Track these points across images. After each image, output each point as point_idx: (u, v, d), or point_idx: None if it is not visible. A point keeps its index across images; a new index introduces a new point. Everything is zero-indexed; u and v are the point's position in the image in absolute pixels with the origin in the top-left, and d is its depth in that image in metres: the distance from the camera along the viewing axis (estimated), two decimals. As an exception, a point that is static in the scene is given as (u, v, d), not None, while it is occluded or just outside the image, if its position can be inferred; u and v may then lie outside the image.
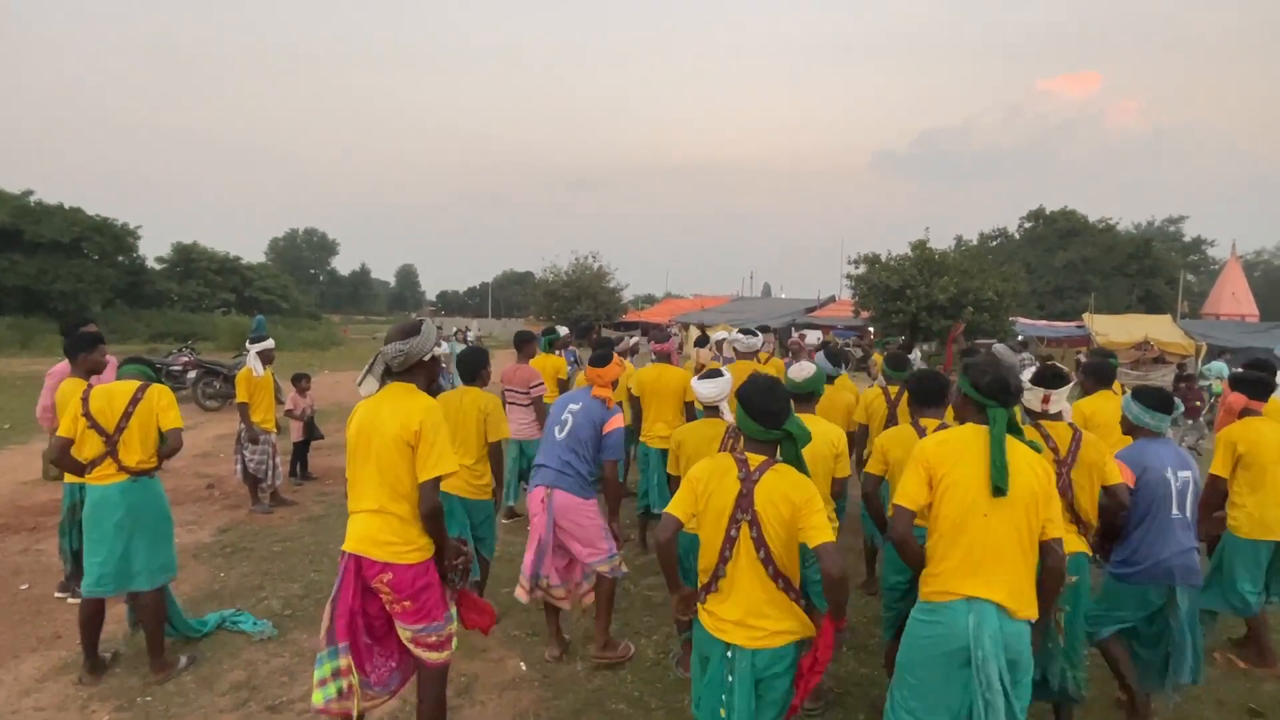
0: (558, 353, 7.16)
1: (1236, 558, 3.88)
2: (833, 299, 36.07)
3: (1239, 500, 3.87)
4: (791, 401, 2.60)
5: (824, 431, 3.38)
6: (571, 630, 4.29)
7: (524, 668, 3.88)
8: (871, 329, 25.10)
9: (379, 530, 2.66)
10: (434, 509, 2.66)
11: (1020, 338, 22.19)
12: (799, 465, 2.49)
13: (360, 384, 2.77)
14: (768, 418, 2.47)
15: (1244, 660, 4.02)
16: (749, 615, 2.40)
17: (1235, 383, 4.11)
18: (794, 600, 2.44)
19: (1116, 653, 3.37)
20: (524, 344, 6.31)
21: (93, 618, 3.65)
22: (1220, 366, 12.03)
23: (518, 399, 5.93)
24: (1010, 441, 2.41)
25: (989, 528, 2.33)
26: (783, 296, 45.58)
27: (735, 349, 5.85)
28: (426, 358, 2.81)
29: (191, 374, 12.48)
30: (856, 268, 25.54)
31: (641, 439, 5.52)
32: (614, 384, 3.96)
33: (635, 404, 5.62)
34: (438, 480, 2.66)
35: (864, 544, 5.13)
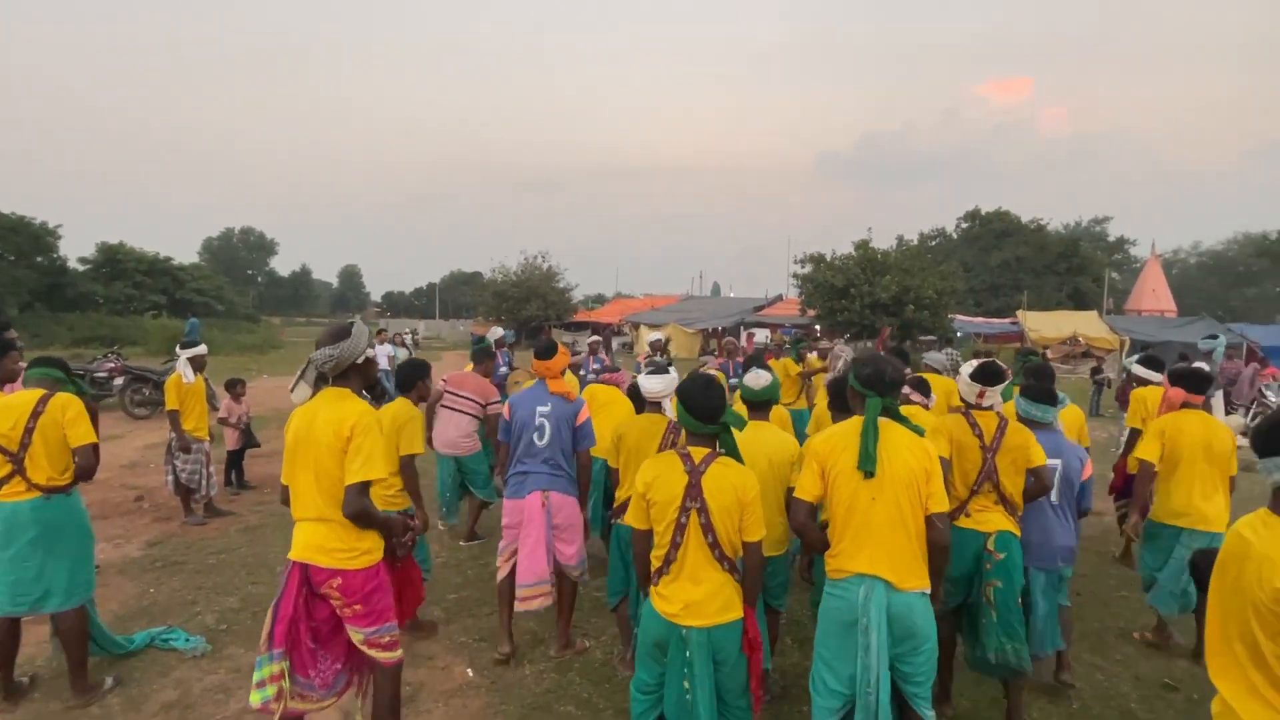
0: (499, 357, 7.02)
1: (1150, 537, 4.12)
2: (780, 298, 36.66)
3: (1164, 488, 4.05)
4: (725, 398, 2.75)
5: (779, 441, 3.43)
6: (520, 634, 4.26)
7: (471, 674, 3.84)
8: (818, 327, 25.60)
9: (325, 538, 2.64)
10: (356, 513, 2.63)
11: (951, 335, 22.94)
12: (735, 456, 2.71)
13: (292, 391, 2.73)
14: (706, 413, 2.66)
15: (1154, 637, 4.31)
16: (699, 595, 2.56)
17: (1174, 378, 4.27)
18: (738, 582, 2.62)
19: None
20: (483, 356, 6.09)
21: (6, 640, 3.45)
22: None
23: (464, 406, 5.70)
24: (889, 426, 2.63)
25: (873, 509, 2.54)
26: (732, 295, 46.10)
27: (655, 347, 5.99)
28: (360, 360, 2.77)
29: (118, 380, 11.88)
30: (803, 267, 26.02)
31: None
32: (564, 372, 4.06)
33: None
34: (363, 485, 2.63)
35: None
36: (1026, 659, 3.23)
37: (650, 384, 3.91)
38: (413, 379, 4.37)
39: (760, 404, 3.55)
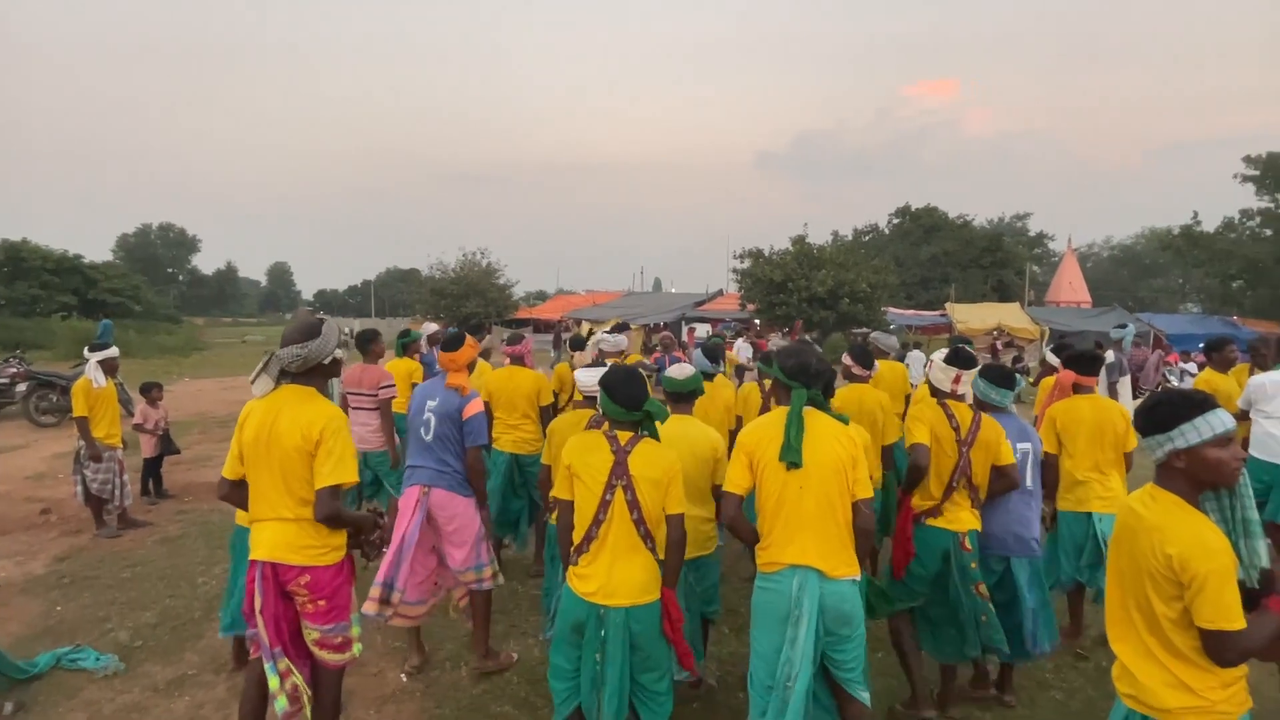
0: (417, 356, 6.41)
1: (1062, 530, 4.13)
2: (720, 293, 37.06)
3: (1067, 477, 4.03)
4: (649, 386, 2.80)
5: (702, 434, 3.36)
6: (455, 636, 4.19)
7: (404, 679, 3.75)
8: (758, 321, 26.03)
9: (294, 536, 2.61)
10: (329, 515, 2.60)
11: (893, 326, 23.72)
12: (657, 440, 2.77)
13: (253, 382, 2.67)
14: (629, 401, 2.70)
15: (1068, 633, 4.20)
16: (620, 573, 2.59)
17: (1067, 361, 4.25)
18: (658, 561, 2.66)
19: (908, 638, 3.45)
20: (370, 343, 5.71)
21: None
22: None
23: (362, 403, 5.45)
24: (815, 416, 2.65)
25: (801, 499, 2.57)
26: (673, 291, 46.39)
27: (602, 349, 5.71)
28: (327, 360, 2.72)
29: (21, 386, 11.13)
30: (742, 262, 26.43)
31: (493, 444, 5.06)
32: (470, 367, 3.84)
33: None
34: (335, 488, 2.59)
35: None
36: (1044, 643, 3.37)
37: (585, 377, 3.87)
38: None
39: (683, 396, 3.51)
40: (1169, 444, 1.94)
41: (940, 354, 3.43)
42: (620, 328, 7.40)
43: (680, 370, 3.56)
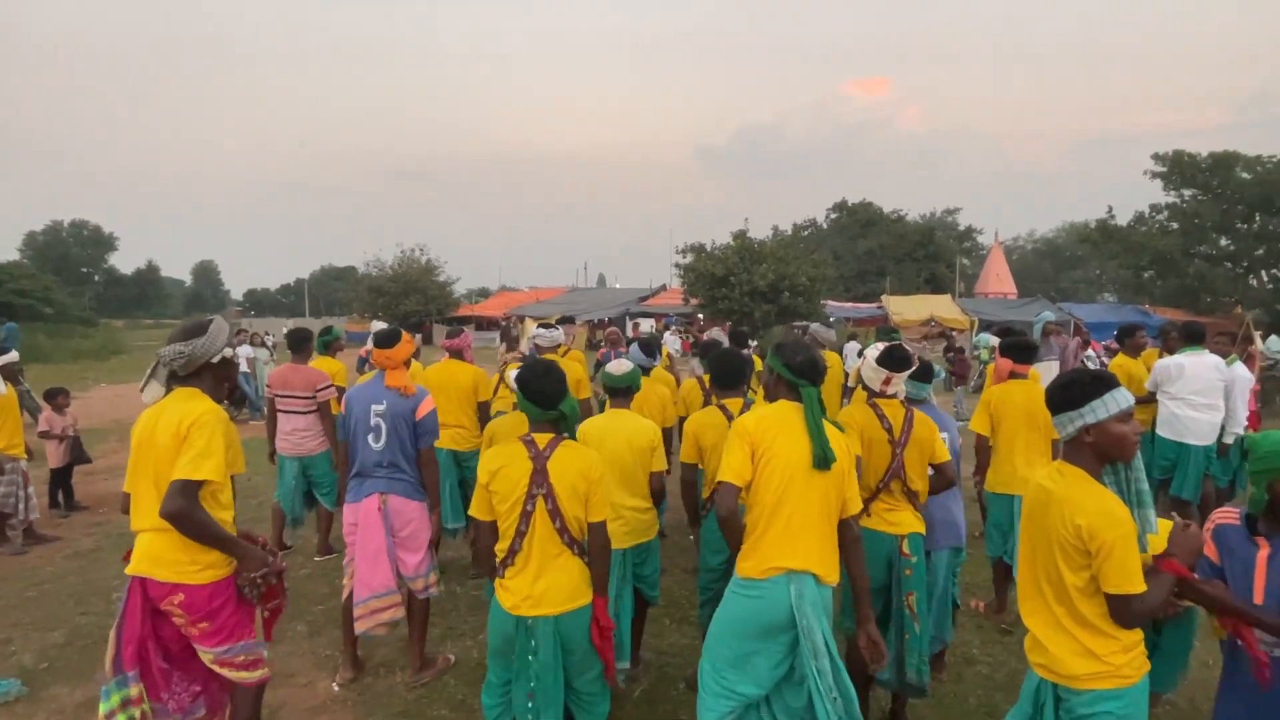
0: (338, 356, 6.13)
1: (991, 509, 4.34)
2: (664, 288, 37.29)
3: (996, 459, 4.19)
4: (566, 383, 2.67)
5: (638, 426, 3.39)
6: (387, 641, 4.08)
7: (336, 688, 3.63)
8: (700, 315, 26.26)
9: (164, 549, 2.40)
10: (173, 512, 2.33)
11: (832, 319, 24.28)
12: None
13: (143, 391, 2.54)
14: (543, 398, 2.59)
15: (985, 608, 4.48)
16: (545, 583, 2.50)
17: (1003, 349, 4.38)
18: (586, 565, 2.59)
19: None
20: (301, 343, 5.48)
21: None
22: (987, 338, 13.96)
23: (294, 406, 5.23)
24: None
25: (808, 499, 2.41)
26: (617, 286, 46.41)
27: (537, 344, 5.61)
28: (215, 359, 2.58)
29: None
30: (684, 257, 26.60)
31: None
32: (407, 364, 3.68)
33: None
34: (186, 484, 2.34)
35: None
36: (927, 675, 3.18)
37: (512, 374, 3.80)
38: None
39: (621, 391, 3.54)
40: (1080, 420, 2.04)
41: (873, 352, 3.27)
42: (565, 321, 7.30)
43: (618, 366, 3.58)
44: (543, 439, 2.59)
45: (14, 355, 5.92)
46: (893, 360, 3.16)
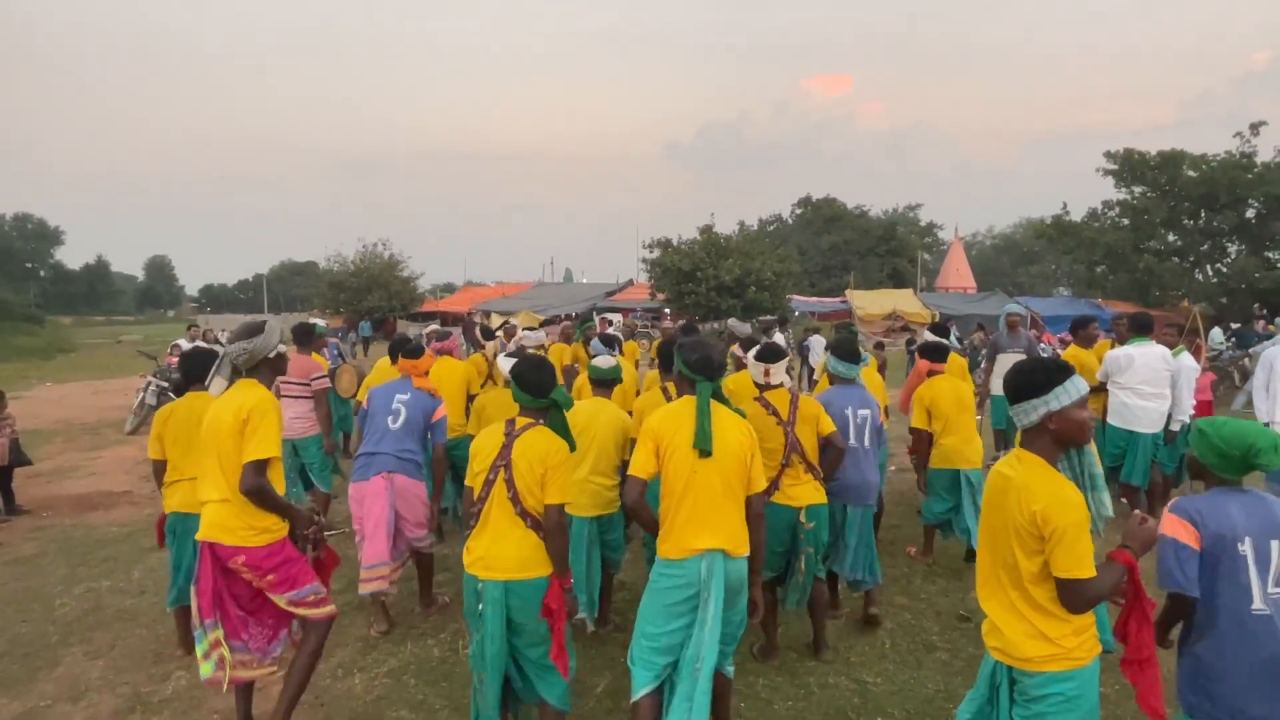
0: (324, 351, 6.62)
1: (934, 483, 4.92)
2: (631, 283, 37.27)
3: (937, 442, 4.87)
4: (556, 375, 2.94)
5: (615, 414, 3.88)
6: (345, 643, 4.00)
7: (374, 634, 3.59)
8: (668, 310, 26.28)
9: (227, 517, 2.81)
10: (251, 489, 2.76)
11: (789, 315, 24.53)
12: (564, 432, 2.83)
13: (209, 385, 3.02)
14: (535, 389, 2.81)
15: (916, 555, 5.21)
16: (497, 548, 2.69)
17: (922, 351, 5.11)
18: (541, 539, 2.72)
19: (818, 592, 3.87)
20: (306, 336, 5.90)
21: None
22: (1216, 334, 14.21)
23: (292, 391, 5.57)
24: (716, 408, 2.80)
25: (706, 484, 2.69)
26: (584, 281, 46.20)
27: (523, 344, 5.96)
28: (271, 355, 2.97)
29: None
30: (651, 252, 26.60)
31: None
32: (426, 372, 4.40)
33: None
34: (258, 463, 2.77)
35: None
36: (804, 603, 3.71)
37: (505, 364, 4.25)
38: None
39: (605, 382, 4.06)
40: (1044, 406, 2.09)
41: (751, 353, 3.79)
42: (550, 322, 7.77)
43: (605, 360, 4.12)
44: (521, 421, 2.81)
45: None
46: (767, 354, 3.67)
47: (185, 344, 11.93)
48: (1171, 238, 28.01)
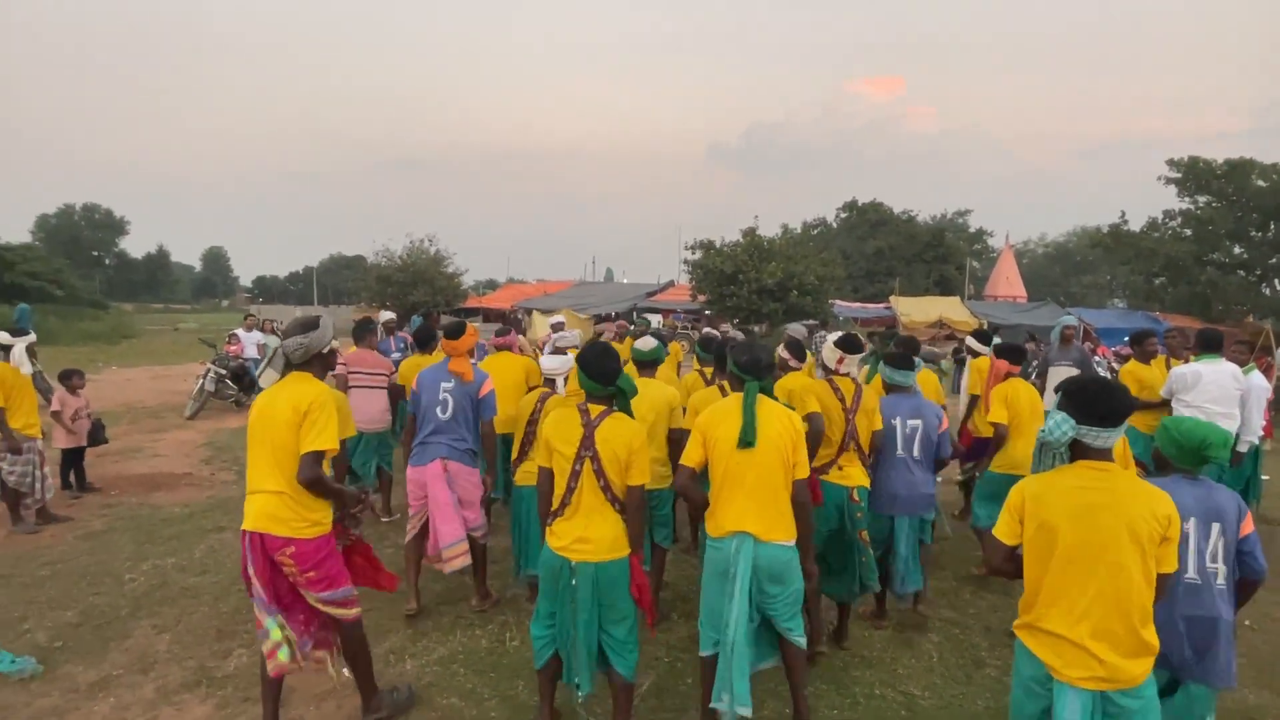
0: (390, 341, 6.85)
1: (989, 487, 4.76)
2: (672, 283, 37.18)
3: (1005, 445, 4.66)
4: (622, 363, 3.13)
5: (661, 391, 4.13)
6: (398, 630, 4.11)
7: (347, 673, 3.63)
8: (708, 312, 26.18)
9: (279, 508, 2.85)
10: (310, 480, 2.84)
11: (830, 319, 24.21)
12: (629, 414, 3.06)
13: (260, 376, 3.06)
14: (603, 376, 2.98)
15: (979, 570, 5.07)
16: (590, 532, 2.89)
17: (999, 352, 5.01)
18: (625, 521, 2.95)
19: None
20: (367, 331, 6.11)
21: None
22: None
23: (374, 382, 5.88)
24: (763, 402, 2.99)
25: (745, 473, 2.90)
26: (625, 281, 46.31)
27: (557, 345, 6.12)
28: (325, 350, 3.04)
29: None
30: (693, 253, 26.49)
31: None
32: (471, 352, 4.43)
33: None
34: (317, 454, 2.85)
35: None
36: (875, 582, 3.95)
37: (547, 363, 4.55)
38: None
39: (648, 363, 4.33)
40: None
41: (833, 336, 4.04)
42: (604, 319, 7.91)
43: (645, 342, 4.43)
44: (595, 409, 2.98)
45: (32, 336, 5.95)
46: (846, 344, 3.95)
47: (243, 333, 12.36)
48: (1237, 250, 26.83)
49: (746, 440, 2.87)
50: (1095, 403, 2.19)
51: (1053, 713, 2.17)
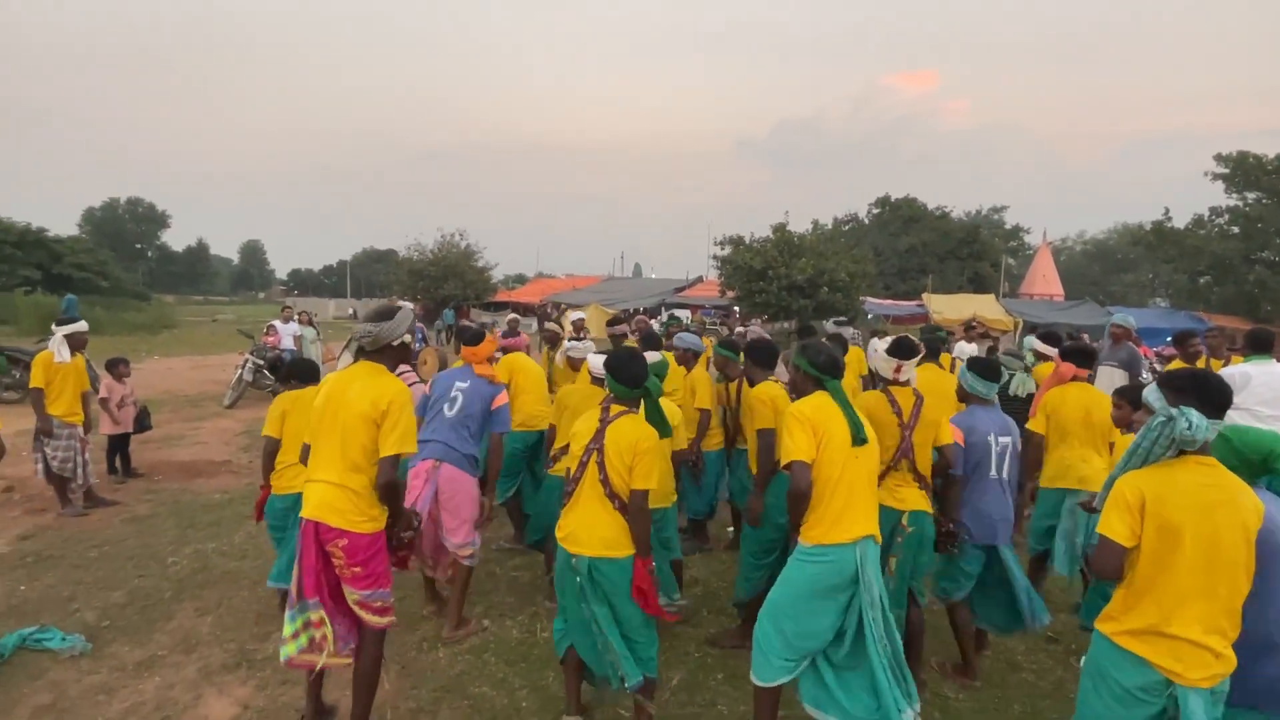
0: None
1: (1038, 503, 4.31)
2: (700, 279, 37.05)
3: (1046, 454, 4.24)
4: (647, 367, 3.08)
5: (672, 406, 3.93)
6: (429, 618, 4.16)
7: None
8: (737, 308, 26.04)
9: (337, 499, 2.80)
10: (389, 483, 2.81)
11: (842, 317, 23.89)
12: (657, 419, 3.04)
13: (338, 359, 3.16)
14: (631, 380, 2.99)
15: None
16: (585, 526, 2.89)
17: (1065, 354, 4.49)
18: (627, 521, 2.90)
19: (962, 618, 3.64)
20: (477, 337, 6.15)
21: None
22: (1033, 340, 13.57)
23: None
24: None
25: (859, 472, 2.81)
26: (653, 276, 46.25)
27: (569, 356, 5.85)
28: (396, 342, 2.98)
29: (-18, 362, 10.80)
30: (722, 249, 26.34)
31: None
32: (491, 359, 4.28)
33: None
34: (397, 459, 2.80)
35: (731, 507, 5.38)
36: (902, 627, 3.38)
37: (596, 361, 4.33)
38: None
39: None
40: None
41: (883, 344, 3.66)
42: (616, 321, 7.56)
43: (649, 357, 4.00)
44: (616, 408, 2.99)
45: (83, 325, 6.14)
46: (901, 349, 3.55)
47: (279, 325, 12.61)
48: (1288, 248, 25.93)
49: (861, 437, 2.80)
50: (1222, 394, 2.13)
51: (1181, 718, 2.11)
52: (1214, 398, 2.12)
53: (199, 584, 4.58)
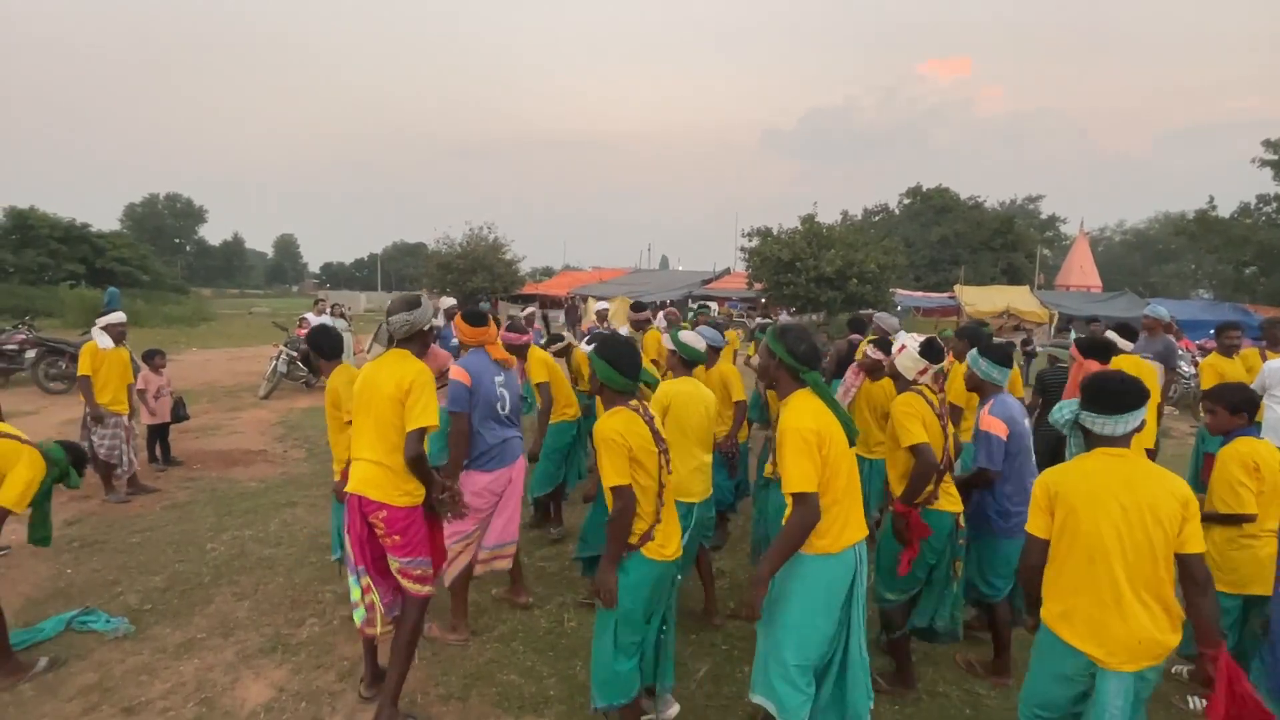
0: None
1: None
2: (728, 271, 36.84)
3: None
4: (642, 358, 3.01)
5: (707, 393, 3.76)
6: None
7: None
8: (764, 300, 25.86)
9: (378, 475, 3.03)
10: (416, 456, 2.98)
11: (899, 307, 23.54)
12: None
13: (368, 351, 3.55)
14: (635, 371, 2.88)
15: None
16: (673, 525, 2.86)
17: (1085, 350, 4.48)
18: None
19: (1005, 615, 3.56)
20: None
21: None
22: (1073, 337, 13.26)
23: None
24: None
25: (853, 474, 2.69)
26: (680, 269, 46.13)
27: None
28: (425, 328, 3.20)
29: (30, 353, 11.16)
30: (750, 241, 26.16)
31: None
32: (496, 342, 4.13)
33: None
34: (421, 431, 2.98)
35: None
36: (960, 625, 3.52)
37: (689, 338, 4.01)
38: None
39: (694, 362, 3.96)
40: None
41: (913, 343, 3.48)
42: (638, 307, 7.57)
43: (697, 339, 4.01)
44: (642, 405, 2.86)
45: (121, 316, 6.32)
46: (932, 352, 3.46)
47: (312, 317, 12.84)
48: (1340, 238, 24.95)
49: (854, 436, 2.63)
50: (1099, 392, 2.32)
51: (1095, 701, 2.23)
52: (1094, 394, 2.33)
53: (236, 570, 4.69)
